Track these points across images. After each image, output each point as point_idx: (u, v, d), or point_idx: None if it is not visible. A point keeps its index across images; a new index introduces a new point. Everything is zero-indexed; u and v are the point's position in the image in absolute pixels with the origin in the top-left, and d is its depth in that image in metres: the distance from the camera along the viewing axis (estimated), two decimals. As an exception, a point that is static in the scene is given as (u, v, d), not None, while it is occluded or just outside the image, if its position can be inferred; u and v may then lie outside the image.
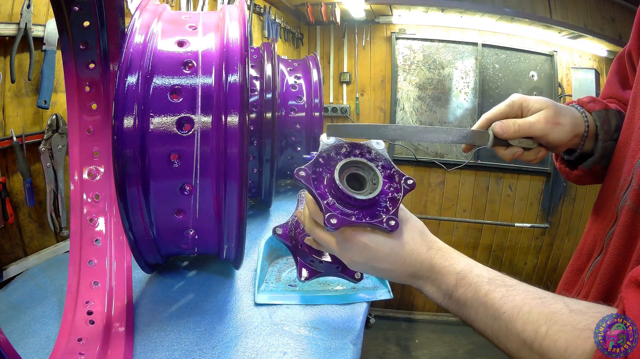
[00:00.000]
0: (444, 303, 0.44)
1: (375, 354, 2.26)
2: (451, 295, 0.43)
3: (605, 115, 0.56)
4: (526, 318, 0.36)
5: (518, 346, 0.36)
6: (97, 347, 0.47)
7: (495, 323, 0.38)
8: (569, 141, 0.54)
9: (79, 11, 0.60)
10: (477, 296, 0.40)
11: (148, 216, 0.51)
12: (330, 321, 0.56)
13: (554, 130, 0.52)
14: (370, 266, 0.47)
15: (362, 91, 2.64)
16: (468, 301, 0.41)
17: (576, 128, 0.54)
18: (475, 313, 0.40)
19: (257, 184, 0.92)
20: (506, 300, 0.38)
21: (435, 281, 0.45)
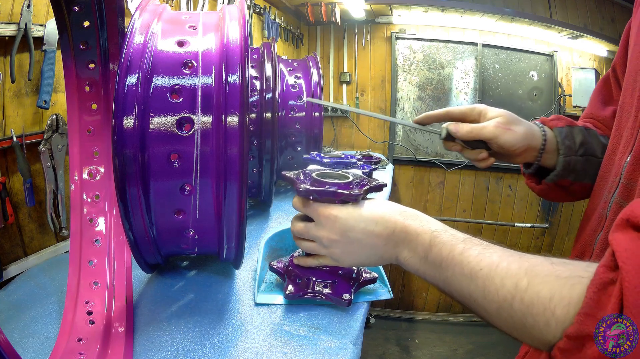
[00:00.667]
0: (421, 268, 0.42)
1: (375, 354, 2.26)
2: (427, 256, 0.41)
3: (569, 131, 0.59)
4: (504, 273, 0.34)
5: (497, 306, 0.34)
6: (97, 347, 0.47)
7: (472, 283, 0.36)
8: (523, 151, 0.58)
9: (79, 11, 0.60)
10: (452, 255, 0.39)
11: (148, 216, 0.51)
12: (330, 321, 0.56)
13: (504, 134, 0.56)
14: (347, 242, 0.47)
15: (362, 91, 2.64)
16: (443, 261, 0.39)
17: (531, 139, 0.57)
18: (451, 274, 0.38)
19: (257, 184, 0.92)
20: (482, 257, 0.36)
21: (411, 244, 0.43)
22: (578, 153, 0.58)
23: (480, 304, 0.36)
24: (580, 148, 0.58)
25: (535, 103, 2.45)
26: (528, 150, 0.58)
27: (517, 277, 0.32)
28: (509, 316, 0.33)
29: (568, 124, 0.59)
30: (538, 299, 0.30)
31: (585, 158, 0.58)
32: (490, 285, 0.34)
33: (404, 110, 2.58)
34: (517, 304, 0.32)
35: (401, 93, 2.57)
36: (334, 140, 2.70)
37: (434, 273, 0.41)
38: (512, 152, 0.57)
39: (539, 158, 0.59)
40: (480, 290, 0.35)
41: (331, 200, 0.50)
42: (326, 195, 0.50)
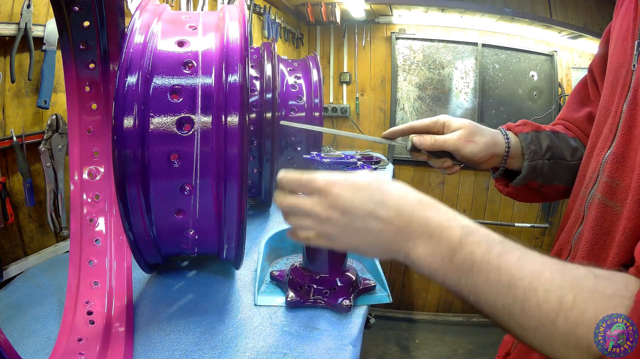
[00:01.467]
0: (441, 270, 0.35)
1: (375, 354, 2.26)
2: (453, 255, 0.34)
3: (534, 136, 0.60)
4: (548, 286, 0.30)
5: (537, 323, 0.30)
6: (97, 347, 0.47)
7: (510, 292, 0.31)
8: (488, 159, 0.60)
9: (79, 11, 0.60)
10: (489, 258, 0.32)
11: (148, 216, 0.51)
12: (330, 322, 0.56)
13: (466, 146, 0.58)
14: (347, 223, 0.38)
15: (362, 91, 2.64)
16: (476, 263, 0.33)
17: (493, 148, 0.59)
18: (484, 281, 0.32)
19: (257, 184, 0.92)
20: (523, 264, 0.31)
21: (433, 238, 0.35)
22: (545, 157, 0.59)
23: (517, 318, 0.31)
24: (547, 152, 0.59)
25: (535, 103, 2.45)
26: (492, 157, 0.60)
27: (562, 291, 0.29)
28: (549, 335, 0.30)
29: (534, 129, 0.61)
30: (583, 319, 0.28)
31: (552, 162, 0.59)
32: (531, 298, 0.30)
33: (404, 110, 2.58)
34: (560, 323, 0.29)
35: (401, 93, 2.57)
36: (334, 140, 2.70)
37: (459, 277, 0.34)
38: (476, 161, 0.60)
39: (503, 164, 0.61)
40: (520, 302, 0.31)
41: None
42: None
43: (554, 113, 2.39)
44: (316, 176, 0.39)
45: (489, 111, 2.46)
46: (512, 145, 0.60)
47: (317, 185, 0.39)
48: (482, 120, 2.46)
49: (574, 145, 0.61)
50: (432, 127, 0.62)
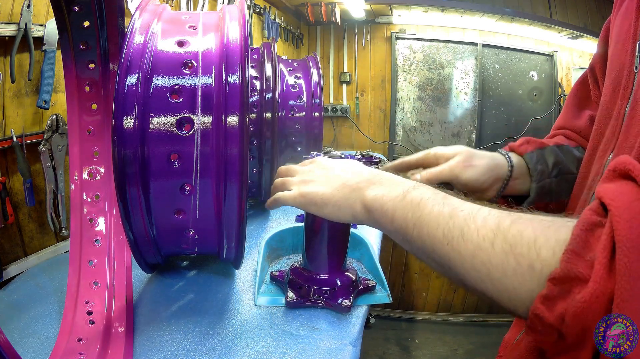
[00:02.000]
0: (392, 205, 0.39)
1: (375, 354, 2.26)
2: (406, 195, 0.39)
3: (540, 154, 0.56)
4: (486, 214, 0.32)
5: (475, 247, 0.31)
6: (97, 347, 0.47)
7: (451, 220, 0.33)
8: (492, 183, 0.56)
9: (79, 11, 0.60)
10: (435, 197, 0.37)
11: (148, 216, 0.51)
12: (330, 322, 0.56)
13: (465, 171, 0.54)
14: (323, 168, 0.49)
15: (362, 91, 2.64)
16: (424, 199, 0.37)
17: (495, 170, 0.55)
18: (429, 212, 0.36)
19: (257, 184, 0.92)
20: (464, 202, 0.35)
21: (392, 185, 0.42)
22: (552, 175, 0.56)
23: (455, 247, 0.32)
24: (553, 169, 0.56)
25: (535, 103, 2.45)
26: (496, 181, 0.56)
27: (500, 218, 0.31)
28: (487, 260, 0.30)
29: (538, 147, 0.58)
30: (522, 238, 0.28)
31: (559, 178, 0.56)
32: (471, 224, 0.32)
33: (404, 110, 2.58)
34: (499, 244, 0.29)
35: (401, 93, 2.57)
36: (334, 140, 2.70)
37: (406, 212, 0.38)
38: (478, 187, 0.55)
39: (503, 186, 0.57)
40: (459, 228, 0.32)
41: None
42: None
43: (554, 113, 2.39)
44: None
45: (489, 111, 2.46)
46: (515, 165, 0.56)
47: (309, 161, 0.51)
48: (482, 120, 2.46)
49: (578, 155, 0.58)
50: (424, 160, 0.59)
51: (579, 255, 0.25)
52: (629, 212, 0.24)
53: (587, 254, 0.25)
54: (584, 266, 0.25)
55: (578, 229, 0.26)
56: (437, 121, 2.55)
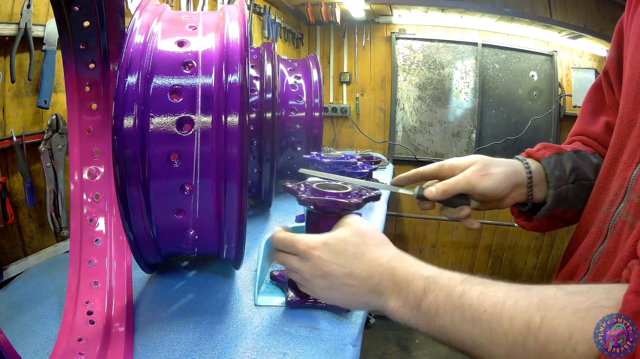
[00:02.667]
0: (413, 318, 0.38)
1: (375, 354, 2.26)
2: (420, 304, 0.37)
3: (557, 159, 0.54)
4: (513, 312, 0.30)
5: (507, 350, 0.29)
6: (97, 347, 0.47)
7: (476, 327, 0.32)
8: (510, 191, 0.53)
9: (79, 11, 0.60)
10: (451, 299, 0.34)
11: (148, 216, 0.51)
12: (330, 322, 0.56)
13: (482, 180, 0.52)
14: (329, 284, 0.43)
15: (362, 91, 2.64)
16: (440, 307, 0.35)
17: (513, 177, 0.53)
18: (450, 322, 0.34)
19: (257, 184, 0.92)
20: (485, 297, 0.32)
21: (401, 293, 0.39)
22: (569, 181, 0.54)
23: (487, 350, 0.31)
24: (571, 175, 0.54)
25: (535, 103, 2.45)
26: (514, 189, 0.54)
27: (528, 314, 0.29)
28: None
29: (556, 152, 0.55)
30: (555, 336, 0.27)
31: (576, 184, 0.54)
32: (497, 327, 0.30)
33: (404, 110, 2.58)
34: (531, 345, 0.28)
35: (401, 93, 2.57)
36: (334, 140, 2.70)
37: (428, 323, 0.36)
38: (496, 196, 0.53)
39: (530, 194, 0.54)
40: (486, 333, 0.31)
41: (332, 210, 0.51)
42: (326, 204, 0.50)
43: (554, 113, 2.40)
44: (298, 238, 0.45)
45: (489, 111, 2.46)
46: (533, 172, 0.54)
47: (298, 248, 0.45)
48: (482, 120, 2.46)
49: (596, 162, 0.56)
50: (439, 172, 0.56)
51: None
52: None
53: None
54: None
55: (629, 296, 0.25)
56: (437, 121, 2.55)
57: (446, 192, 0.53)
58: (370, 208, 1.08)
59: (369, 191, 0.56)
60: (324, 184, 0.58)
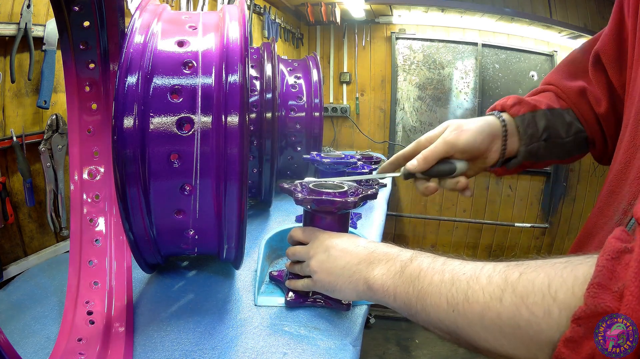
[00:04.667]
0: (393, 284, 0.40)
1: (375, 354, 2.26)
2: (404, 269, 0.39)
3: (531, 118, 0.55)
4: (491, 272, 0.30)
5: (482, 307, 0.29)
6: (97, 347, 0.47)
7: (453, 286, 0.32)
8: (488, 144, 0.54)
9: (79, 11, 0.60)
10: (433, 265, 0.36)
11: (148, 216, 0.51)
12: (330, 321, 0.56)
13: (459, 138, 0.53)
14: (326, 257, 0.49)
15: (362, 91, 2.64)
16: (422, 271, 0.36)
17: (489, 129, 0.54)
18: (429, 283, 0.35)
19: (257, 184, 0.92)
20: (465, 264, 0.33)
21: (389, 261, 0.42)
22: (541, 139, 0.55)
23: (461, 311, 0.30)
24: (543, 133, 0.55)
25: (535, 103, 2.45)
26: (493, 140, 0.55)
27: (506, 272, 0.29)
28: (497, 317, 0.28)
29: (530, 109, 0.56)
30: (534, 286, 0.26)
31: (548, 142, 0.56)
32: (474, 284, 0.30)
33: (404, 110, 2.58)
34: (508, 298, 0.27)
35: (401, 93, 2.57)
36: (334, 140, 2.70)
37: (407, 287, 0.37)
38: (477, 150, 0.54)
39: (504, 147, 0.55)
40: (463, 292, 0.31)
41: (329, 208, 0.51)
42: (323, 203, 0.51)
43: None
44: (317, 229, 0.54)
45: (489, 111, 2.46)
46: (508, 124, 0.55)
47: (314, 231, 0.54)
48: (482, 120, 2.46)
49: (568, 119, 0.56)
50: (417, 148, 0.58)
51: (606, 287, 0.23)
52: None
53: (615, 285, 0.23)
54: (612, 299, 0.22)
55: (603, 259, 0.24)
56: (437, 121, 2.55)
57: (427, 159, 0.54)
58: (370, 208, 1.08)
59: (365, 190, 0.56)
60: (320, 184, 0.58)
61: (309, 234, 0.54)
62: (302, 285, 0.55)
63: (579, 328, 0.24)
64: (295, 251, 0.55)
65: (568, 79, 0.59)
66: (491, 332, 0.28)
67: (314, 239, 0.52)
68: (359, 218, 0.98)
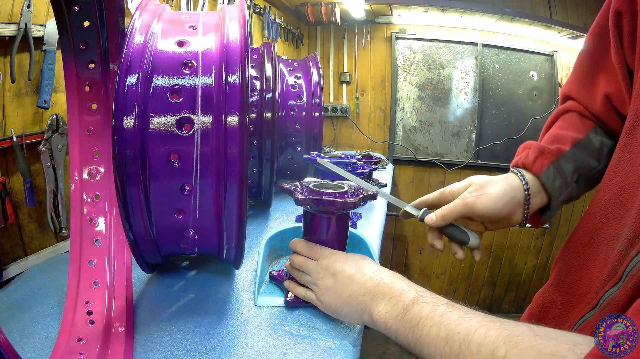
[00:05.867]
0: (394, 325, 0.41)
1: (375, 354, 2.26)
2: (406, 312, 0.41)
3: (557, 168, 0.52)
4: (482, 340, 0.32)
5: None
6: (97, 347, 0.47)
7: (447, 345, 0.34)
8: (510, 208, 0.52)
9: (79, 11, 0.60)
10: (433, 315, 0.38)
11: (148, 216, 0.51)
12: (330, 321, 0.56)
13: (478, 201, 0.51)
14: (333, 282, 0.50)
15: (362, 91, 2.64)
16: (422, 319, 0.38)
17: (512, 193, 0.51)
18: (426, 334, 0.37)
19: (257, 184, 0.92)
20: (462, 321, 0.35)
21: (392, 299, 0.43)
22: (572, 182, 0.52)
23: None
24: (573, 176, 0.52)
25: (535, 103, 2.45)
26: (517, 205, 0.52)
27: (495, 345, 0.31)
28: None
29: (554, 158, 0.52)
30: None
31: (579, 181, 0.53)
32: (465, 349, 0.33)
33: (404, 110, 2.58)
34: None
35: (401, 93, 2.57)
36: (334, 140, 2.70)
37: (407, 331, 0.39)
38: (497, 215, 0.52)
39: (526, 213, 0.53)
40: (455, 353, 0.33)
41: (328, 208, 0.51)
42: (323, 204, 0.51)
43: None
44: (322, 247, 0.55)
45: (489, 111, 2.46)
46: (530, 184, 0.52)
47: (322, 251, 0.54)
48: (482, 120, 2.46)
49: (597, 144, 0.52)
50: (440, 199, 0.57)
51: None
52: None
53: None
54: None
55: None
56: (437, 121, 2.55)
57: (445, 217, 0.53)
58: (370, 208, 1.08)
59: (365, 191, 0.56)
60: (321, 184, 0.58)
61: (316, 252, 0.54)
62: (304, 296, 0.56)
63: None
64: (302, 265, 0.55)
65: (587, 86, 0.54)
66: None
67: (322, 258, 0.53)
68: (359, 218, 0.98)
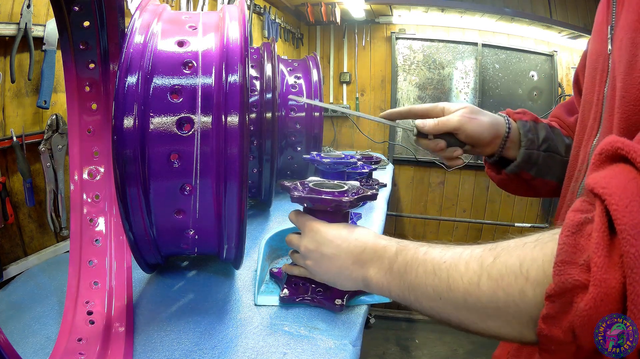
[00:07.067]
0: (386, 282, 0.41)
1: (375, 354, 2.26)
2: (392, 265, 0.40)
3: (532, 126, 0.60)
4: (469, 258, 0.31)
5: (464, 293, 0.30)
6: (97, 347, 0.47)
7: (436, 276, 0.34)
8: (491, 140, 0.59)
9: (79, 11, 0.60)
10: (416, 257, 0.37)
11: (148, 216, 0.51)
12: (330, 321, 0.56)
13: (470, 124, 0.57)
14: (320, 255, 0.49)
15: (362, 91, 2.64)
16: (407, 265, 0.38)
17: (497, 128, 0.59)
18: (415, 276, 0.36)
19: (257, 184, 0.92)
20: (446, 252, 0.35)
21: (379, 259, 0.43)
22: (541, 148, 0.58)
23: (446, 298, 0.32)
24: (543, 143, 0.58)
25: (535, 103, 2.45)
26: (495, 139, 0.59)
27: (482, 257, 0.30)
28: (477, 301, 0.29)
29: (533, 119, 0.61)
30: (507, 268, 0.27)
31: (547, 154, 0.59)
32: (454, 273, 0.32)
33: (404, 110, 2.58)
34: (484, 283, 0.29)
35: (401, 93, 2.57)
36: (334, 140, 2.70)
37: (399, 282, 0.39)
38: (480, 141, 0.58)
39: (501, 147, 0.59)
40: (445, 281, 0.32)
41: (324, 207, 0.51)
42: (317, 202, 0.51)
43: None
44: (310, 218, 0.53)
45: (489, 111, 2.46)
46: (512, 129, 0.59)
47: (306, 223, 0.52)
48: (482, 120, 2.46)
49: (568, 142, 0.60)
50: (431, 111, 0.62)
51: (570, 262, 0.23)
52: (626, 195, 0.22)
53: (580, 258, 0.23)
54: (579, 272, 0.23)
55: (563, 236, 0.24)
56: (437, 121, 2.55)
57: (437, 126, 0.59)
58: (370, 208, 1.08)
59: (364, 191, 0.56)
60: (322, 183, 0.58)
61: (302, 223, 0.54)
62: (299, 273, 0.56)
63: (553, 304, 0.24)
64: (292, 241, 0.55)
65: (568, 114, 0.64)
66: (476, 315, 0.30)
67: (305, 231, 0.52)
68: (359, 218, 0.99)
